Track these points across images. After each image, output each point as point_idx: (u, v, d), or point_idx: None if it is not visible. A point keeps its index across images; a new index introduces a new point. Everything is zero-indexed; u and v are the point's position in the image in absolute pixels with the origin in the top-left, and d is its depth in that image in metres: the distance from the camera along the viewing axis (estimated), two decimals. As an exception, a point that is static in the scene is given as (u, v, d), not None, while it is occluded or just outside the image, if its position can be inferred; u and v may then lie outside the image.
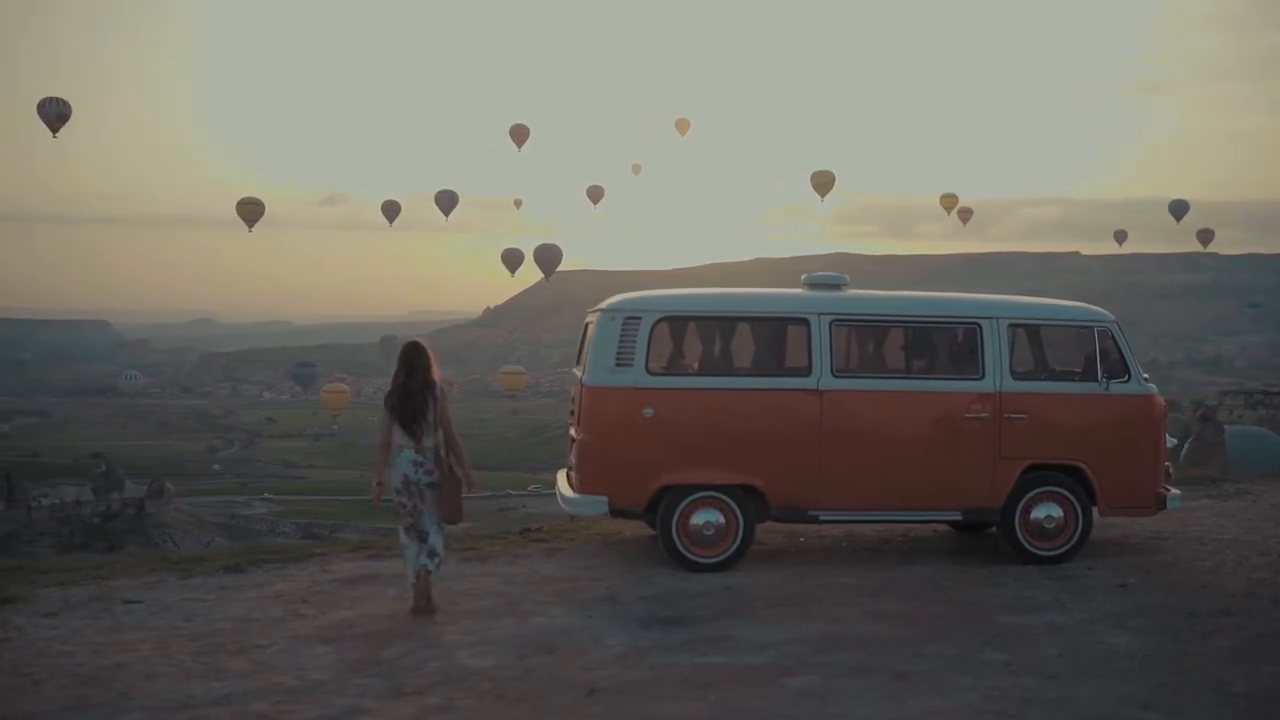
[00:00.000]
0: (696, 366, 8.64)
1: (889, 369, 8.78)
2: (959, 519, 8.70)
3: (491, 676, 5.93)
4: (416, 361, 7.16)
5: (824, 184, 69.47)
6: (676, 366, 8.52)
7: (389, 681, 5.87)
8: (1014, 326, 8.63)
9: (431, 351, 7.26)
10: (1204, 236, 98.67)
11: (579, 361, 8.75)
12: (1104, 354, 8.60)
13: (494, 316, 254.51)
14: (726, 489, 8.20)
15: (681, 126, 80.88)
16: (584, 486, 8.30)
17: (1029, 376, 8.73)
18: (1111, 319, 8.80)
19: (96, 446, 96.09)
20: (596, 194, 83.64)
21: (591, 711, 5.46)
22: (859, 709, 5.45)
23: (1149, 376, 8.84)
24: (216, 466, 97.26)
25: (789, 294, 8.85)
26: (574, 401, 8.78)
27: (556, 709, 5.49)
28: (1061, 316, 9.05)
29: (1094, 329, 8.67)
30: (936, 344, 8.79)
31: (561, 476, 8.97)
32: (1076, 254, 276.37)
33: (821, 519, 8.52)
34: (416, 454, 7.07)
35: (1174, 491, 8.88)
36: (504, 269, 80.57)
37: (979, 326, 8.51)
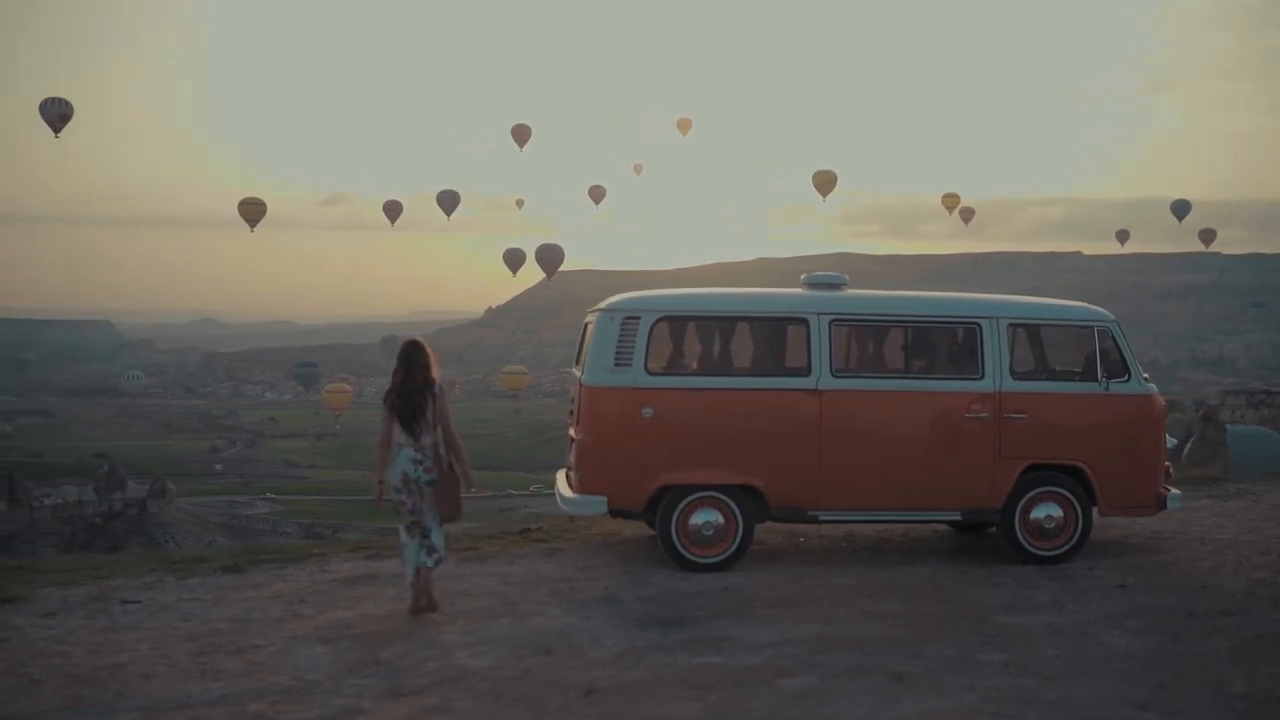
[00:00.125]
0: (695, 366, 8.63)
1: (888, 369, 8.76)
2: (959, 519, 8.68)
3: (489, 677, 5.92)
4: (415, 360, 7.17)
5: (826, 184, 69.45)
6: (675, 366, 8.51)
7: (386, 682, 5.86)
8: (1014, 326, 8.62)
9: (430, 350, 7.26)
10: (1206, 236, 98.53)
11: (578, 361, 8.75)
12: (1104, 354, 8.59)
13: (496, 316, 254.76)
14: (726, 489, 8.19)
15: (683, 126, 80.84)
16: (583, 486, 8.29)
17: (1029, 376, 8.71)
18: (1111, 319, 8.79)
19: (99, 446, 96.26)
20: (598, 194, 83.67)
21: (588, 712, 5.45)
22: (856, 710, 5.43)
23: (1149, 376, 8.82)
24: (219, 466, 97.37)
25: (788, 294, 8.83)
26: (573, 401, 8.77)
27: (553, 709, 5.48)
28: (1061, 316, 9.03)
29: (1094, 329, 8.65)
30: (936, 344, 8.76)
31: (561, 476, 8.96)
32: (1079, 254, 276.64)
33: (821, 519, 8.51)
34: (415, 452, 7.07)
35: (1174, 491, 8.86)
36: (506, 269, 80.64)
37: (978, 326, 8.50)
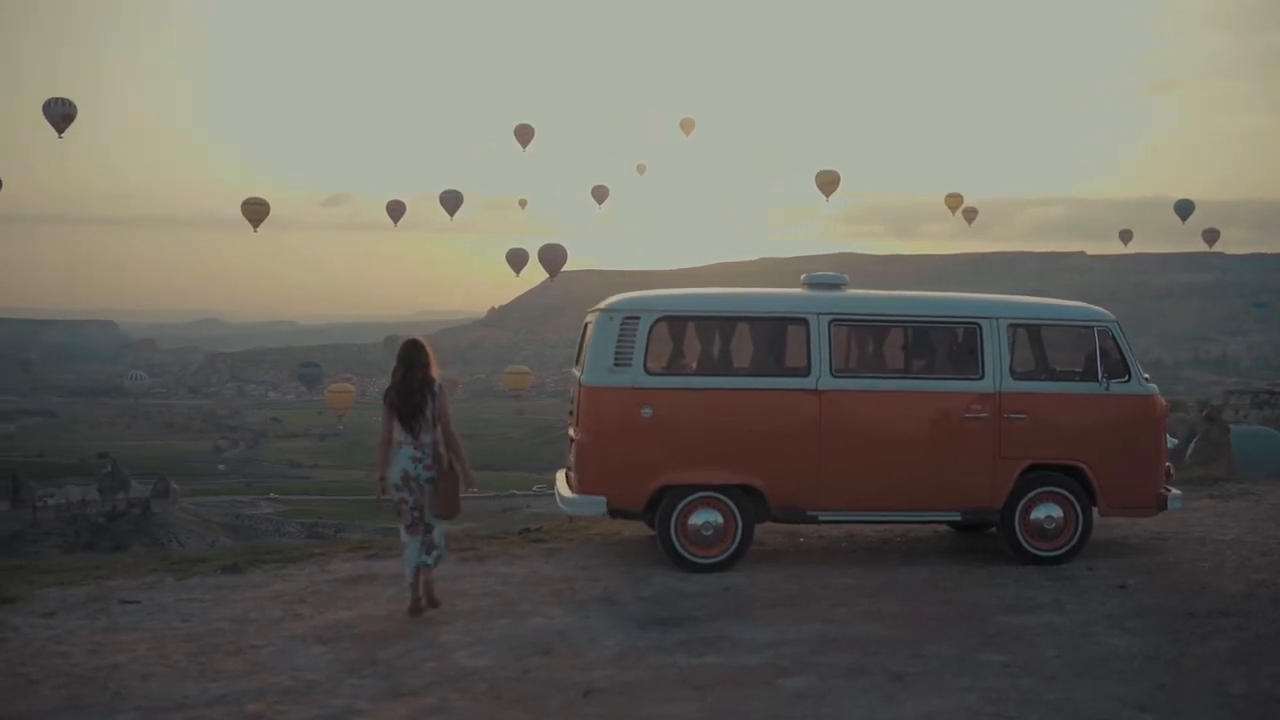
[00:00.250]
0: (695, 366, 8.62)
1: (888, 369, 8.75)
2: (959, 519, 8.66)
3: (488, 677, 5.92)
4: (415, 358, 7.18)
5: (828, 184, 69.35)
6: (675, 366, 8.50)
7: (385, 682, 5.86)
8: (1014, 326, 8.60)
9: (430, 349, 7.27)
10: (1209, 236, 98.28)
11: (578, 361, 8.74)
12: (1104, 354, 8.57)
13: (499, 316, 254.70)
14: (725, 489, 8.18)
15: (686, 126, 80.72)
16: (582, 487, 8.29)
17: (1029, 376, 8.69)
18: (1112, 318, 8.77)
19: (102, 446, 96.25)
20: (601, 194, 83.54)
21: (588, 712, 5.45)
22: (855, 710, 5.42)
23: (1149, 376, 8.81)
24: (222, 466, 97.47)
25: (788, 294, 8.82)
26: (573, 401, 8.77)
27: (552, 710, 5.48)
28: (1061, 316, 9.01)
29: (1094, 328, 8.64)
30: (936, 344, 8.75)
31: (561, 477, 8.95)
32: (1081, 254, 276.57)
33: (821, 519, 8.50)
34: (415, 449, 7.08)
35: (1175, 492, 8.84)
36: (509, 269, 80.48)
37: (979, 326, 8.49)
